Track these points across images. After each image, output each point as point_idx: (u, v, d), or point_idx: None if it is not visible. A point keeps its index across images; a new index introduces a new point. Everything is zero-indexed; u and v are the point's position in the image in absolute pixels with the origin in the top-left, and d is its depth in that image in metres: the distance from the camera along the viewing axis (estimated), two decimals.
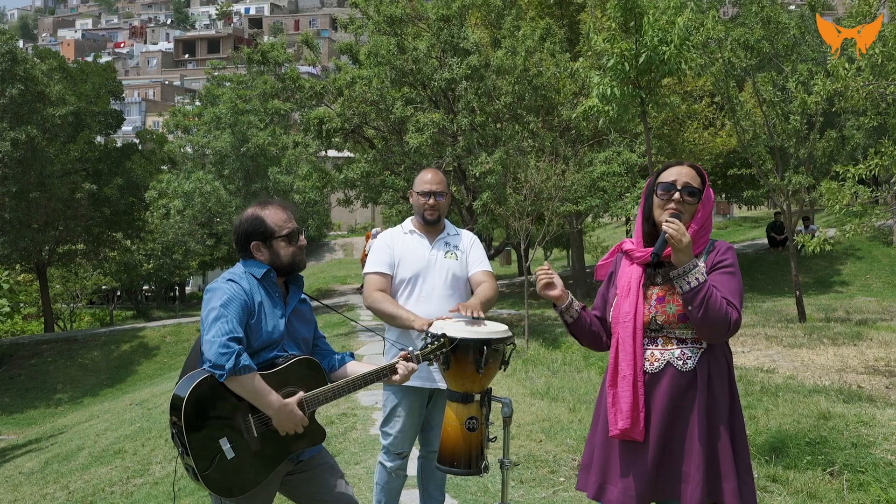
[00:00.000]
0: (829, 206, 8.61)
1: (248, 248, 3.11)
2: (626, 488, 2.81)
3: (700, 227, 2.85)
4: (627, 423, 2.77)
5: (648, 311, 2.85)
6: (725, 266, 2.83)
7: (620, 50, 9.20)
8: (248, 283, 3.03)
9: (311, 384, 3.03)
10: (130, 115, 65.78)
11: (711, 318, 2.68)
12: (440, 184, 4.06)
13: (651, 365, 2.82)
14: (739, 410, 2.86)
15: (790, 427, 5.89)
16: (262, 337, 3.00)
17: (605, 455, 2.91)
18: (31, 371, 20.17)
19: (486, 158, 14.02)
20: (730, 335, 2.76)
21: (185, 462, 2.87)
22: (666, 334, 2.83)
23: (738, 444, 2.80)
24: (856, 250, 20.41)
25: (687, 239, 2.70)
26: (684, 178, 2.86)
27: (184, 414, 2.77)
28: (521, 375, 9.40)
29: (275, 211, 3.12)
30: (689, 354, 2.79)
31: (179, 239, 27.73)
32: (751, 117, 13.52)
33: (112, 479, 7.98)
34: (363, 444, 6.57)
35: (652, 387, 2.80)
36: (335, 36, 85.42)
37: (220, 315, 2.86)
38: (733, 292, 2.77)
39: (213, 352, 2.77)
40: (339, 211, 35.67)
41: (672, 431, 2.77)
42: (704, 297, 2.67)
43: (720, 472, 2.73)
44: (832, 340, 10.51)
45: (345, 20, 17.39)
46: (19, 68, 21.66)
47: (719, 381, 2.80)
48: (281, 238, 3.10)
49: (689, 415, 2.76)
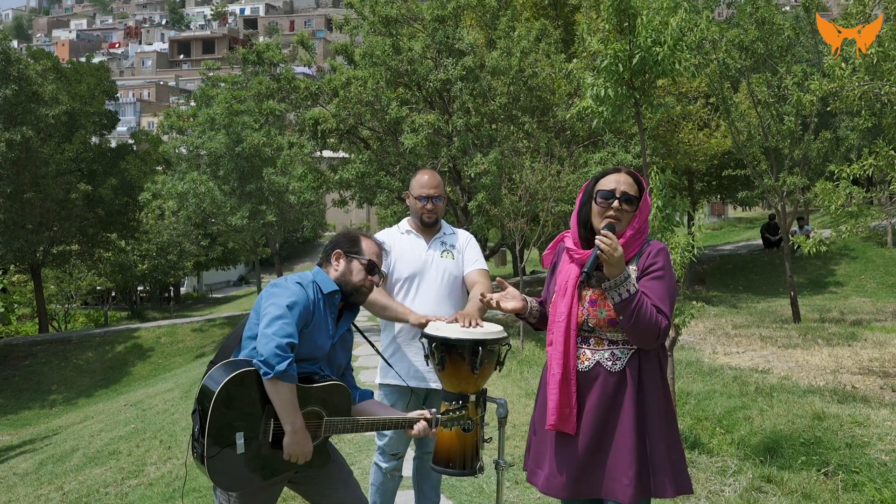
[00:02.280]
0: (823, 207, 8.62)
1: (329, 257, 3.19)
2: (551, 475, 2.93)
3: (636, 231, 2.93)
4: (554, 419, 2.88)
5: (581, 314, 2.93)
6: (655, 270, 2.89)
7: (614, 51, 9.20)
8: (314, 293, 3.07)
9: (336, 411, 3.07)
10: (125, 116, 65.65)
11: (642, 327, 2.78)
12: (437, 187, 4.07)
13: (582, 364, 2.91)
14: (672, 409, 2.96)
15: (785, 427, 5.90)
16: (308, 349, 3.04)
17: (539, 442, 3.04)
18: (26, 372, 20.11)
19: (482, 159, 14.03)
20: (660, 341, 2.86)
21: (194, 440, 2.89)
22: (598, 335, 2.92)
23: (671, 440, 2.89)
24: (850, 251, 20.46)
25: (618, 253, 2.77)
26: (623, 186, 2.93)
27: (215, 397, 2.80)
28: (516, 376, 9.41)
29: (372, 244, 3.25)
30: (618, 356, 2.88)
31: (174, 240, 27.68)
32: (745, 118, 13.55)
33: (106, 480, 7.95)
34: (358, 446, 6.56)
35: (584, 385, 2.90)
36: (330, 36, 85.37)
37: (284, 315, 2.89)
38: (662, 298, 2.84)
39: (269, 348, 2.79)
40: (334, 212, 35.64)
41: (602, 428, 2.87)
42: (635, 308, 2.76)
43: (653, 468, 2.82)
44: (827, 341, 10.53)
45: (340, 21, 17.36)
46: (13, 68, 21.59)
47: (651, 382, 2.88)
48: (363, 262, 3.18)
49: (619, 413, 2.86)
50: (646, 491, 2.80)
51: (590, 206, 2.97)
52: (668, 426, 2.89)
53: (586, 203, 2.98)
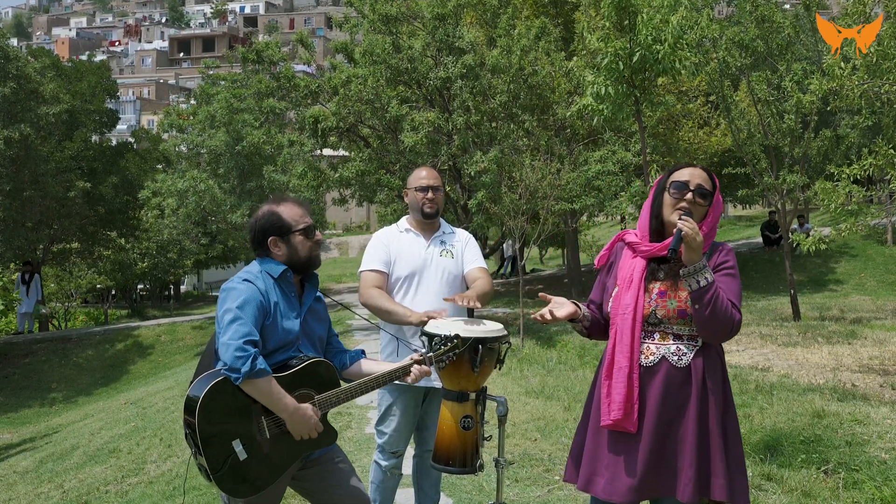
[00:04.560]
0: (823, 206, 8.62)
1: (264, 245, 3.10)
2: (613, 479, 2.81)
3: (709, 230, 2.88)
4: (620, 414, 2.78)
5: (649, 305, 2.86)
6: (728, 268, 2.86)
7: (614, 49, 9.21)
8: (265, 282, 3.02)
9: (325, 386, 3.03)
10: (125, 114, 65.64)
11: (717, 318, 2.71)
12: (436, 179, 4.09)
13: (646, 359, 2.83)
14: (733, 409, 2.87)
15: (785, 426, 5.90)
16: (278, 338, 3.00)
17: (595, 446, 2.90)
18: (26, 370, 20.10)
19: (482, 157, 14.02)
20: (731, 336, 2.79)
21: (197, 462, 2.86)
22: (664, 329, 2.84)
23: (731, 442, 2.81)
24: (850, 249, 20.46)
25: (700, 238, 2.72)
26: (697, 179, 2.89)
27: (198, 414, 2.76)
28: (517, 374, 9.41)
29: (290, 206, 3.13)
30: (684, 350, 2.81)
31: (174, 238, 27.61)
32: (745, 116, 13.55)
33: (107, 479, 7.95)
34: (358, 444, 6.57)
35: (647, 380, 2.81)
36: (330, 35, 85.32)
37: (237, 317, 2.84)
38: (735, 294, 2.80)
39: (229, 355, 2.76)
40: (334, 210, 35.63)
41: (666, 425, 2.78)
42: (712, 297, 2.70)
43: (711, 469, 2.73)
44: (826, 339, 10.53)
45: (340, 19, 17.36)
46: (12, 66, 21.55)
47: (713, 379, 2.81)
48: (298, 232, 3.09)
49: (683, 410, 2.77)
50: (704, 491, 2.73)
51: (662, 198, 2.92)
52: (731, 427, 2.82)
53: (659, 195, 2.94)
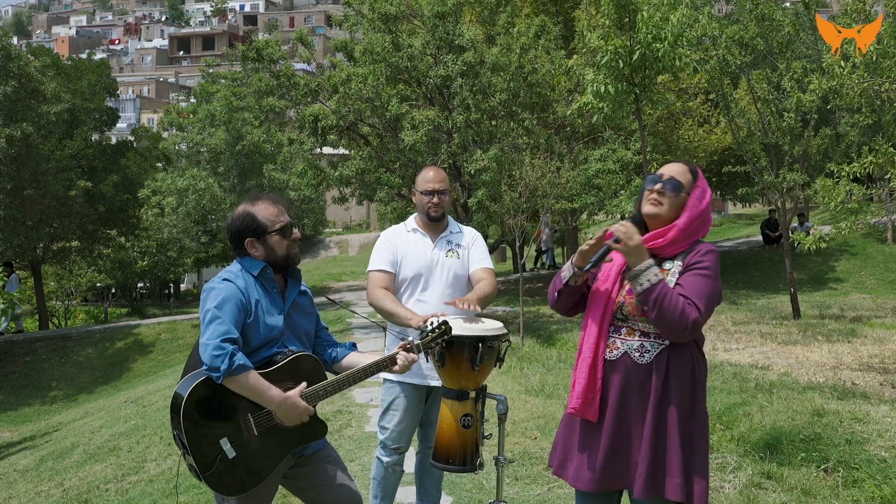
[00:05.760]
0: (823, 204, 8.62)
1: (242, 246, 3.10)
2: (580, 467, 2.89)
3: (683, 227, 2.86)
4: (579, 403, 2.86)
5: (618, 300, 2.90)
6: (700, 267, 2.84)
7: (614, 47, 9.21)
8: (245, 281, 3.02)
9: (311, 380, 3.03)
10: (125, 112, 65.60)
11: (665, 319, 2.72)
12: (442, 182, 4.10)
13: (611, 352, 2.88)
14: (702, 412, 2.86)
15: (784, 424, 5.90)
16: (261, 335, 3.00)
17: (568, 433, 2.99)
18: (26, 368, 20.11)
19: (482, 156, 14.01)
20: (689, 335, 2.77)
21: (187, 462, 2.87)
22: (630, 325, 2.88)
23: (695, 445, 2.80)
24: (850, 247, 20.46)
25: (634, 241, 2.76)
26: (670, 172, 2.92)
27: (183, 415, 2.77)
28: (516, 372, 9.40)
29: (266, 206, 3.11)
30: (647, 348, 2.83)
31: (174, 236, 27.62)
32: (745, 115, 13.53)
33: (107, 477, 7.96)
34: (358, 442, 6.57)
35: (609, 373, 2.87)
36: (330, 33, 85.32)
37: (215, 317, 2.86)
38: (699, 293, 2.77)
39: (207, 354, 2.78)
40: (334, 208, 35.62)
41: (624, 419, 2.83)
42: (658, 298, 2.71)
43: (666, 468, 2.76)
44: (826, 337, 10.53)
45: (340, 17, 17.35)
46: (13, 65, 21.55)
47: (678, 380, 2.81)
48: (274, 232, 3.08)
49: (642, 408, 2.81)
50: (658, 489, 2.75)
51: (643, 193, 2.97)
52: (697, 430, 2.81)
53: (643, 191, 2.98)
